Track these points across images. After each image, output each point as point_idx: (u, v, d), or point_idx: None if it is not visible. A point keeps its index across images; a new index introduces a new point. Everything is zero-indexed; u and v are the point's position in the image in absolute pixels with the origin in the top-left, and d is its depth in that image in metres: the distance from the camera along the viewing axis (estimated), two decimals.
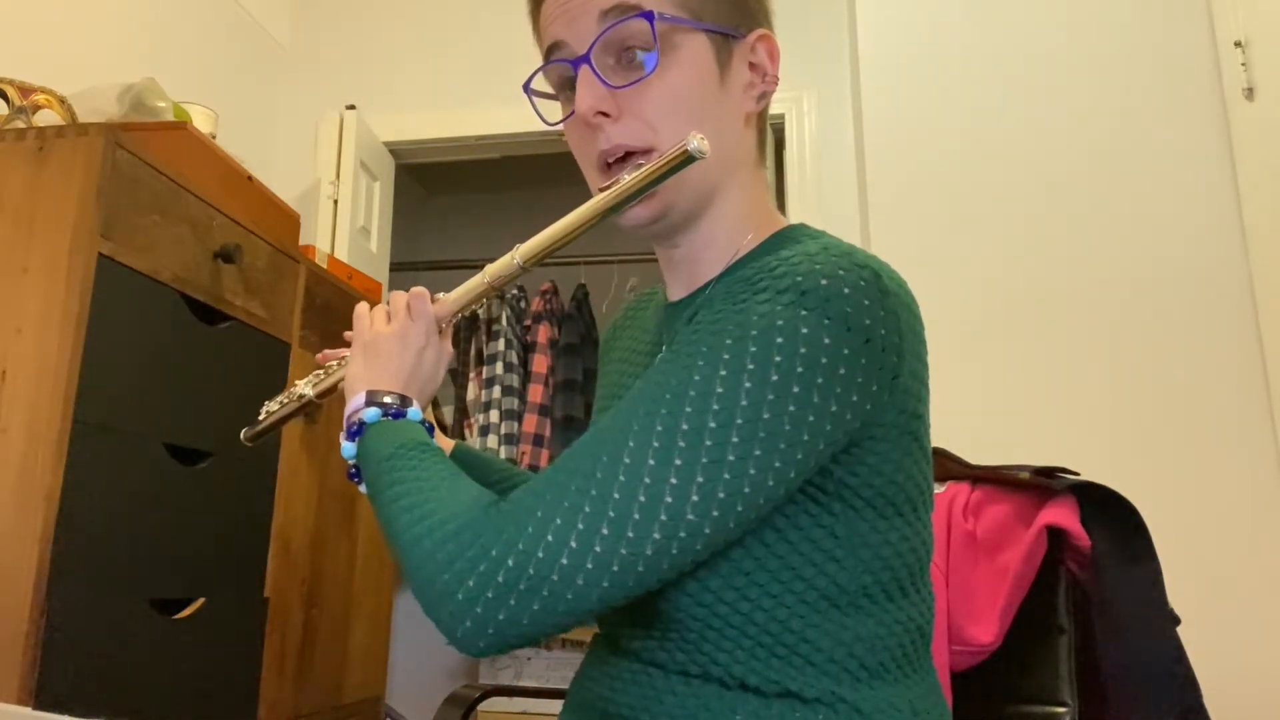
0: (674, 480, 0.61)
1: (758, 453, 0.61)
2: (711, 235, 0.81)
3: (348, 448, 0.79)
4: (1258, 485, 1.93)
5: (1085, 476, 1.06)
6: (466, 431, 3.27)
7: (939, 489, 1.17)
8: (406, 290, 0.87)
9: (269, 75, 3.05)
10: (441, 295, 0.86)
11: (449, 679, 3.64)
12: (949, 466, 1.19)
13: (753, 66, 0.82)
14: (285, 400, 0.96)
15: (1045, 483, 1.05)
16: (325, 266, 2.18)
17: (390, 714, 2.72)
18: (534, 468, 3.07)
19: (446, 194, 4.38)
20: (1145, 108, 2.16)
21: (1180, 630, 1.05)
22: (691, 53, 0.77)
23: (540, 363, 3.27)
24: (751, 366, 0.62)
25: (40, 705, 1.22)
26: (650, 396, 0.64)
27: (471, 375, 3.35)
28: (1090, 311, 2.09)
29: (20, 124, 1.61)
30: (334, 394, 0.92)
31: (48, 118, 1.66)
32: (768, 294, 0.65)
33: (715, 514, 0.61)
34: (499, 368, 3.23)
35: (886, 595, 0.70)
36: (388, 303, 0.87)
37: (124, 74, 2.01)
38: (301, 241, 2.20)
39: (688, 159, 0.70)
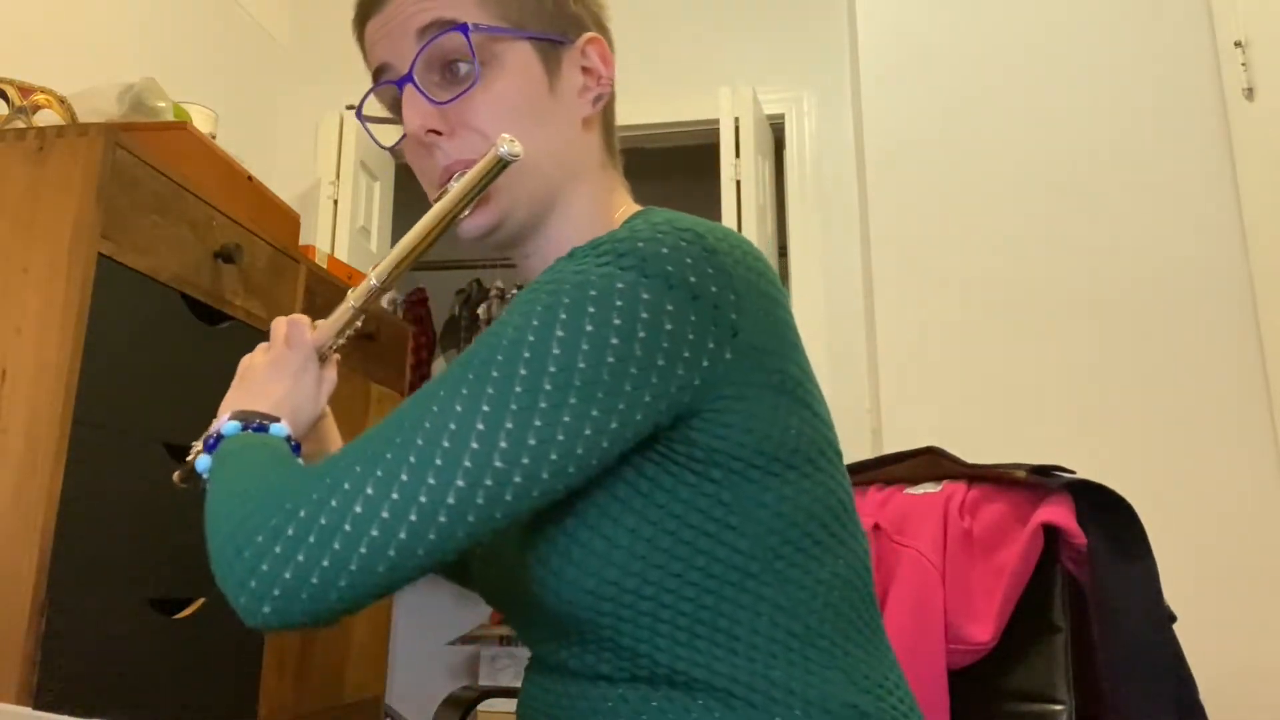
0: (480, 426, 0.58)
1: (572, 400, 0.59)
2: (560, 239, 0.80)
3: (202, 460, 0.76)
4: (1257, 484, 1.93)
5: (1082, 475, 1.06)
6: None
7: (935, 488, 1.17)
8: (292, 316, 0.88)
9: (269, 75, 3.05)
10: (319, 322, 0.86)
11: (449, 679, 3.64)
12: (945, 465, 1.19)
13: (586, 71, 0.82)
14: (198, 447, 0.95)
15: (1041, 481, 1.05)
16: (325, 266, 2.19)
17: (390, 714, 2.72)
18: None
19: None
20: (1145, 108, 2.16)
21: (1176, 628, 1.05)
22: (515, 62, 0.77)
23: None
24: (564, 316, 0.61)
25: (40, 705, 1.23)
26: (463, 359, 0.63)
27: None
28: (1090, 311, 2.09)
29: (20, 124, 1.61)
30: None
31: (48, 118, 1.66)
32: (585, 260, 0.64)
33: (525, 461, 0.58)
34: None
35: (803, 554, 0.68)
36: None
37: (124, 74, 2.01)
38: (301, 241, 2.20)
39: (501, 163, 0.70)
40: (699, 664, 0.65)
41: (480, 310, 3.42)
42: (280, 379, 0.82)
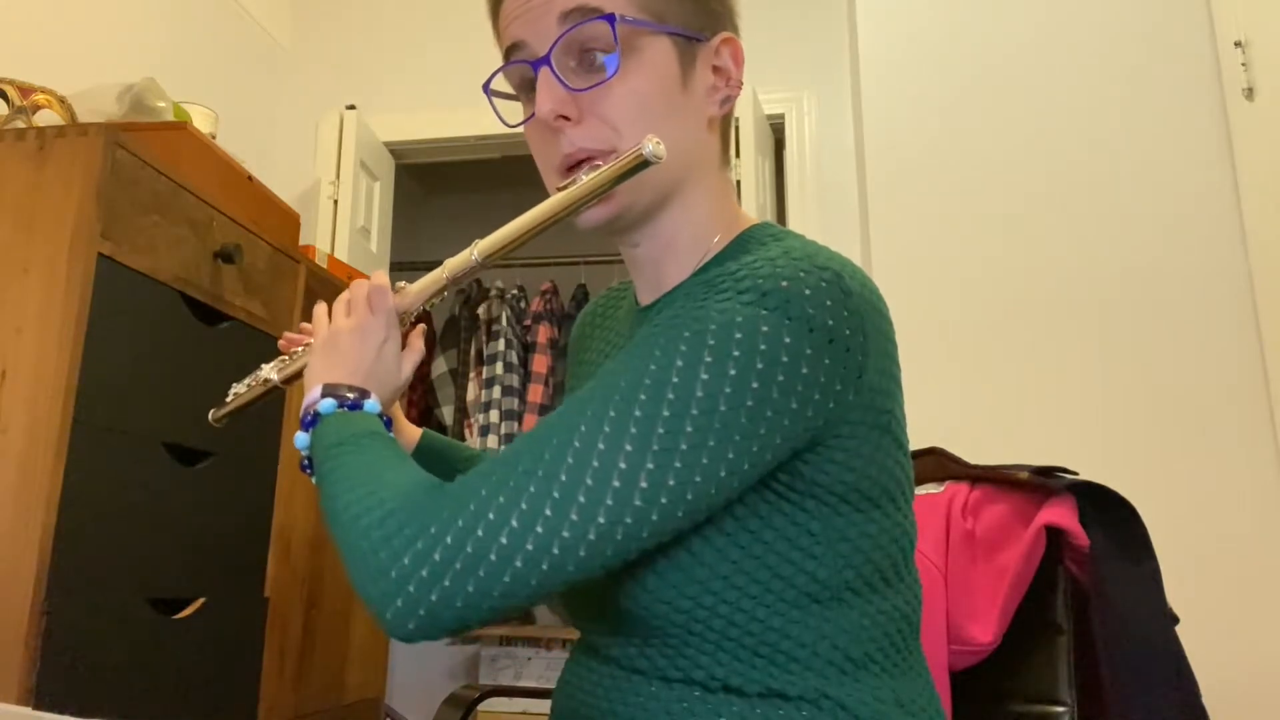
0: (623, 465, 0.60)
1: (711, 443, 0.61)
2: (672, 236, 0.81)
3: (301, 438, 0.77)
4: (1258, 485, 1.93)
5: (1084, 476, 1.06)
6: (466, 431, 3.27)
7: (938, 489, 1.17)
8: (375, 275, 0.85)
9: (269, 75, 3.05)
10: (403, 283, 0.85)
11: (449, 679, 3.64)
12: (948, 466, 1.19)
13: (716, 70, 0.81)
14: (251, 384, 0.95)
15: (1044, 482, 1.05)
16: (325, 266, 2.18)
17: (390, 714, 2.72)
18: None
19: (446, 194, 4.38)
20: (1145, 108, 2.16)
21: (1179, 629, 1.05)
22: (654, 56, 0.76)
23: (540, 363, 3.27)
24: (709, 359, 0.61)
25: (40, 705, 1.23)
26: (605, 385, 0.63)
27: (471, 375, 3.35)
28: (1090, 311, 2.09)
29: (20, 124, 1.61)
30: (298, 380, 0.91)
31: (48, 118, 1.66)
32: (728, 294, 0.64)
33: (664, 501, 0.60)
34: (499, 368, 3.23)
35: (870, 587, 0.70)
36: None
37: (124, 74, 2.01)
38: (301, 241, 2.20)
39: (643, 163, 0.69)
40: (755, 679, 0.67)
41: (480, 310, 3.42)
42: (366, 348, 0.80)
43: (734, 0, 0.84)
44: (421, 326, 0.88)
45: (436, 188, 4.34)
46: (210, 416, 0.98)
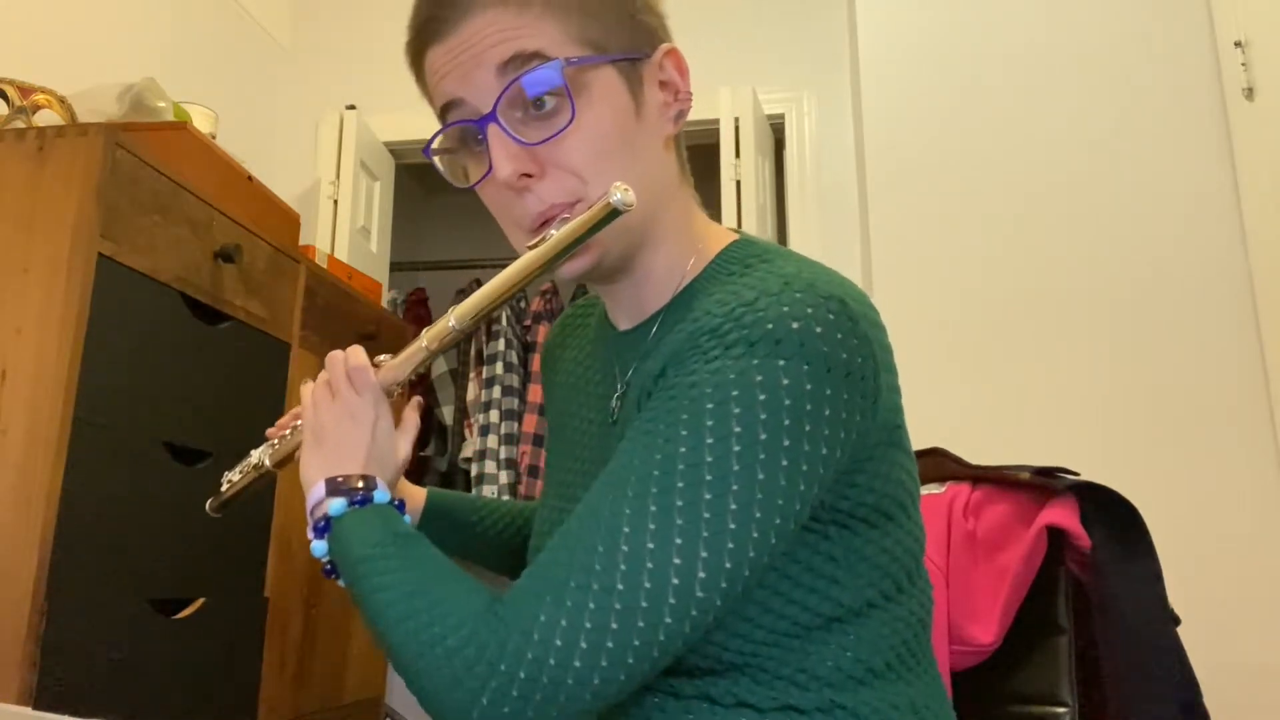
0: (678, 560, 0.59)
1: (758, 515, 0.60)
2: (650, 267, 0.78)
3: (318, 546, 0.74)
4: (1258, 485, 1.93)
5: (1085, 476, 1.06)
6: (467, 431, 3.26)
7: (939, 489, 1.17)
8: (348, 351, 0.81)
9: (269, 75, 3.05)
10: (382, 358, 0.81)
11: None
12: (949, 466, 1.19)
13: (664, 85, 0.78)
14: (244, 470, 0.91)
15: (1045, 482, 1.05)
16: (325, 266, 2.18)
17: (390, 714, 2.72)
18: (534, 468, 3.07)
19: (446, 194, 4.37)
20: (1145, 108, 2.16)
21: (1180, 630, 1.05)
22: (604, 90, 0.72)
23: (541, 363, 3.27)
24: (738, 429, 0.60)
25: (40, 705, 1.22)
26: (638, 473, 0.61)
27: (472, 375, 3.34)
28: (1090, 311, 2.09)
29: (20, 124, 1.61)
30: (291, 463, 0.87)
31: (48, 118, 1.66)
32: (740, 348, 0.62)
33: (724, 585, 0.60)
34: (499, 368, 3.22)
35: (887, 598, 0.70)
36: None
37: (124, 74, 2.01)
38: (301, 241, 2.20)
39: (613, 213, 0.67)
40: (774, 696, 0.66)
41: None
42: (359, 431, 0.76)
43: (662, 6, 0.80)
44: (418, 399, 0.86)
45: (436, 188, 4.34)
46: (208, 507, 0.94)
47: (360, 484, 0.74)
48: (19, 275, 1.34)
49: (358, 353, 0.80)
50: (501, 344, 3.26)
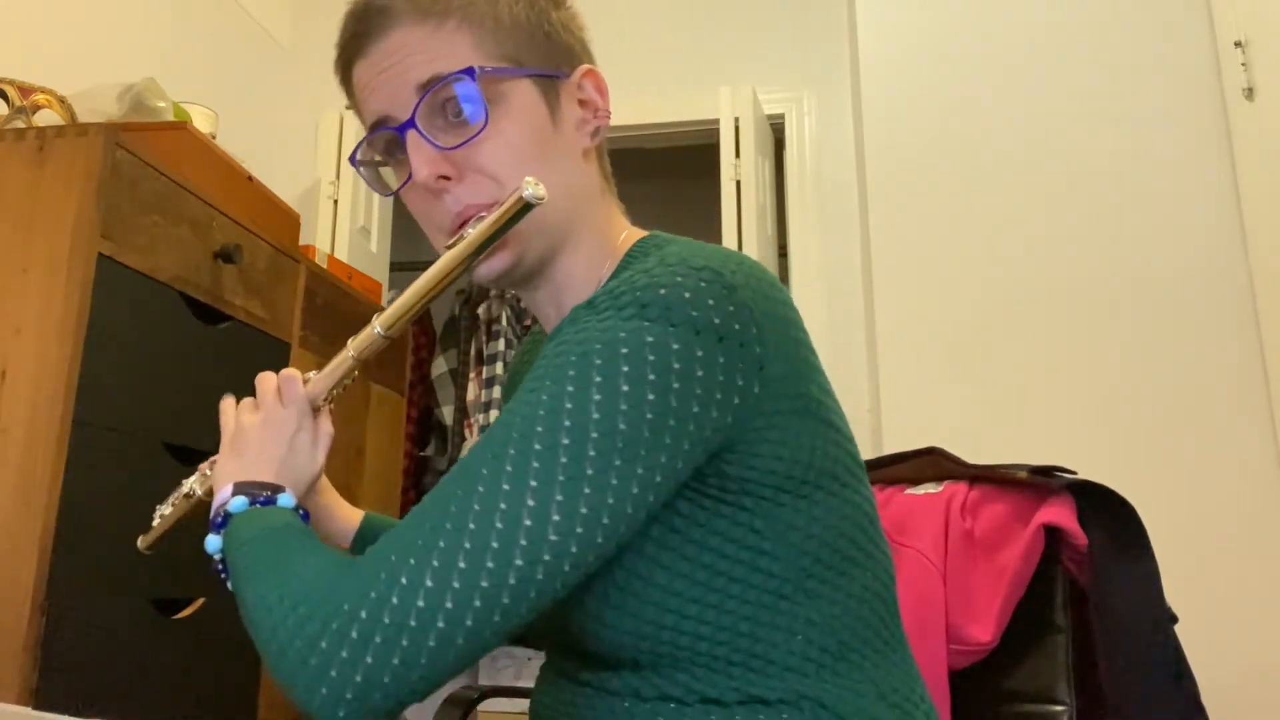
0: (531, 502, 0.58)
1: (618, 462, 0.60)
2: (570, 272, 0.80)
3: (212, 541, 0.74)
4: (1257, 485, 1.93)
5: (1083, 475, 1.06)
6: (467, 431, 3.27)
7: (936, 488, 1.17)
8: (283, 370, 0.83)
9: (269, 75, 3.05)
10: (311, 374, 0.82)
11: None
12: (946, 466, 1.19)
13: (583, 103, 0.81)
14: (175, 502, 0.92)
15: (1043, 481, 1.05)
16: (325, 266, 2.19)
17: None
18: None
19: None
20: (1145, 108, 2.16)
21: (1178, 629, 1.05)
22: (520, 101, 0.75)
23: None
24: (599, 379, 0.61)
25: (40, 705, 1.23)
26: (501, 427, 0.62)
27: (472, 375, 3.35)
28: (1090, 311, 2.09)
29: (20, 124, 1.61)
30: None
31: (48, 118, 1.66)
32: (608, 313, 0.64)
33: (580, 531, 0.59)
34: (499, 368, 3.22)
35: (833, 571, 0.69)
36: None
37: (124, 74, 2.01)
38: (301, 241, 2.20)
39: (525, 206, 0.69)
40: (733, 687, 0.66)
41: (480, 310, 3.42)
42: (276, 441, 0.79)
43: (584, 32, 0.83)
44: (329, 407, 0.85)
45: None
46: (139, 545, 0.94)
47: (267, 490, 0.75)
48: (19, 275, 1.35)
49: (289, 370, 0.83)
50: (501, 344, 3.26)
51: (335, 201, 2.83)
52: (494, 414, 3.18)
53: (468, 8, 0.75)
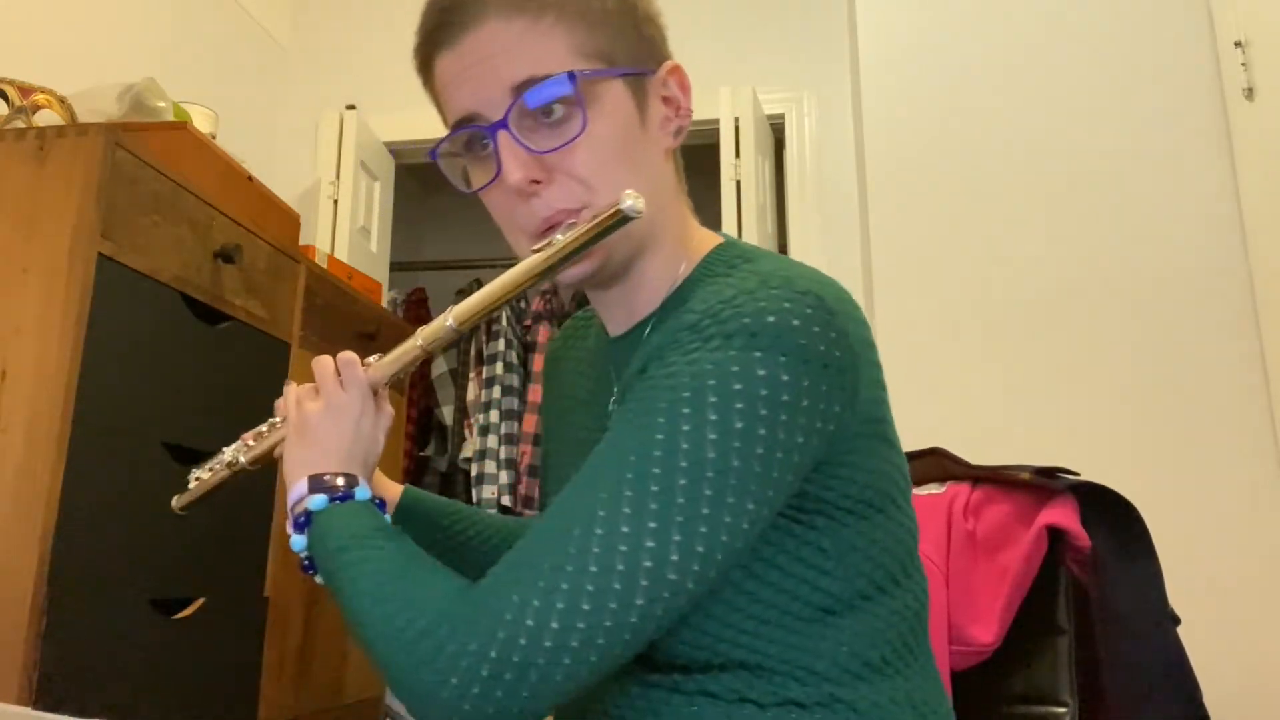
0: (650, 543, 0.60)
1: (730, 500, 0.61)
2: (645, 275, 0.79)
3: (297, 540, 0.75)
4: (1258, 485, 1.93)
5: (1085, 477, 1.06)
6: (467, 431, 3.27)
7: (939, 489, 1.17)
8: (340, 354, 0.83)
9: (269, 75, 3.05)
10: (372, 359, 0.82)
11: None
12: (949, 466, 1.19)
13: (666, 100, 0.80)
14: (215, 468, 0.92)
15: (1045, 483, 1.05)
16: (325, 266, 2.18)
17: (390, 714, 2.72)
18: (534, 468, 3.07)
19: (446, 194, 4.37)
20: (1145, 108, 2.16)
21: (1180, 630, 1.05)
22: (611, 102, 0.74)
23: (541, 363, 3.26)
24: (713, 417, 0.61)
25: (40, 705, 1.22)
26: (615, 460, 0.63)
27: (472, 375, 3.35)
28: (1090, 311, 2.09)
29: (20, 124, 1.61)
30: (268, 461, 0.88)
31: (48, 118, 1.66)
32: (717, 340, 0.64)
33: (696, 569, 0.61)
34: (499, 368, 3.22)
35: (880, 590, 0.70)
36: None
37: (124, 74, 2.01)
38: (301, 241, 2.20)
39: (623, 219, 0.68)
40: (772, 691, 0.67)
41: None
42: (341, 428, 0.78)
43: (663, 22, 0.81)
44: (386, 392, 0.85)
45: (436, 188, 4.34)
46: (174, 505, 0.94)
47: (342, 482, 0.75)
48: (19, 275, 1.34)
49: (348, 353, 0.82)
50: (501, 344, 3.26)
51: (335, 201, 2.83)
52: (494, 414, 3.18)
53: (563, 3, 0.73)
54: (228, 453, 0.91)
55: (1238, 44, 2.09)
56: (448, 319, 0.76)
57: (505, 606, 0.60)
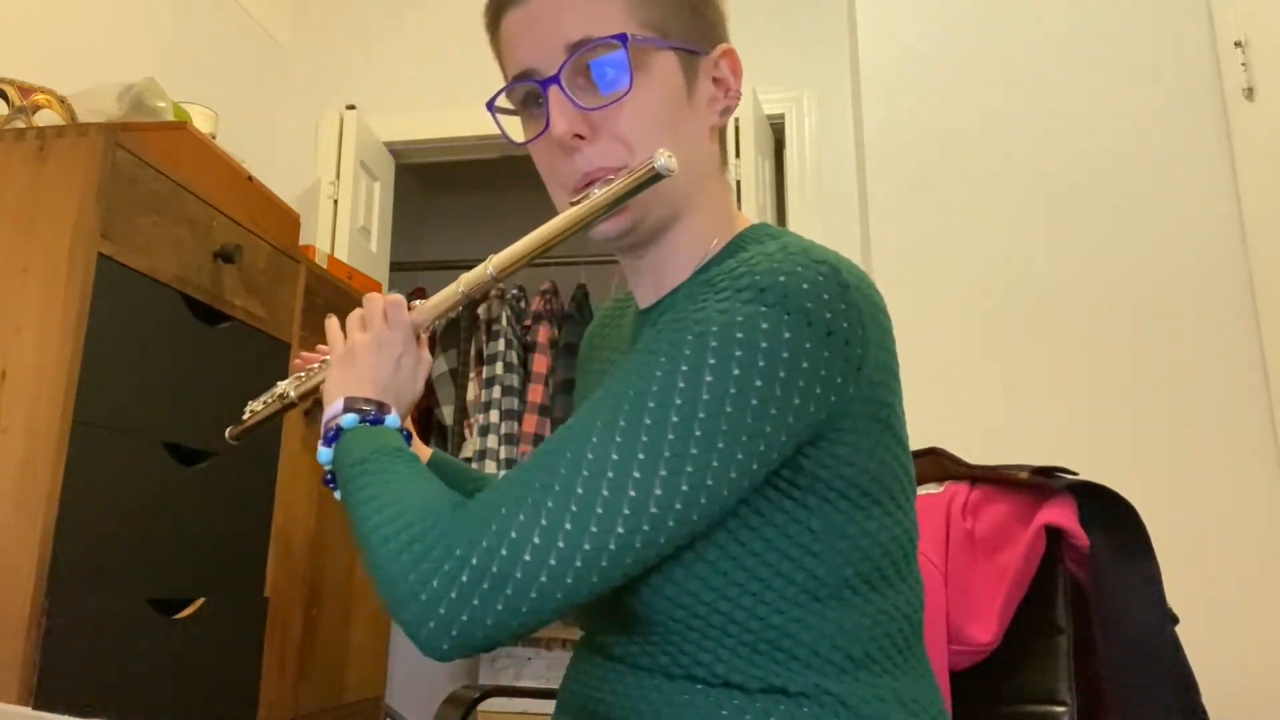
0: (637, 474, 0.61)
1: (720, 445, 0.62)
2: (677, 244, 0.82)
3: (324, 453, 0.79)
4: (1258, 485, 1.93)
5: (1084, 476, 1.06)
6: (467, 431, 3.27)
7: (938, 489, 1.17)
8: (387, 293, 0.87)
9: (269, 75, 3.05)
10: (418, 302, 0.86)
11: (449, 679, 3.64)
12: (948, 466, 1.19)
13: (716, 81, 0.83)
14: (268, 400, 0.97)
15: (1044, 482, 1.05)
16: (325, 266, 2.18)
17: (390, 714, 2.72)
18: None
19: (446, 194, 4.38)
20: (1145, 108, 2.16)
21: (1179, 630, 1.05)
22: (661, 71, 0.77)
23: (540, 363, 3.27)
24: (713, 361, 0.63)
25: (40, 705, 1.23)
26: (614, 395, 0.65)
27: (472, 375, 3.35)
28: (1090, 311, 2.09)
29: (20, 124, 1.61)
30: (315, 396, 0.93)
31: (48, 118, 1.66)
32: (727, 293, 0.66)
33: (678, 507, 0.62)
34: (499, 368, 3.23)
35: (869, 586, 0.71)
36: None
37: (124, 74, 2.01)
38: (301, 241, 2.20)
39: (656, 176, 0.71)
40: (755, 675, 0.68)
41: (480, 310, 3.42)
42: (384, 362, 0.82)
43: (725, 8, 0.85)
44: (425, 336, 0.89)
45: (436, 188, 4.34)
46: (227, 434, 1.00)
47: (375, 407, 0.79)
48: (19, 275, 1.35)
49: (395, 294, 0.87)
50: (501, 344, 3.26)
51: (335, 201, 2.83)
52: (494, 414, 3.19)
53: None
54: (280, 386, 0.96)
55: (1238, 44, 2.09)
56: (488, 267, 0.80)
57: (492, 517, 0.63)
